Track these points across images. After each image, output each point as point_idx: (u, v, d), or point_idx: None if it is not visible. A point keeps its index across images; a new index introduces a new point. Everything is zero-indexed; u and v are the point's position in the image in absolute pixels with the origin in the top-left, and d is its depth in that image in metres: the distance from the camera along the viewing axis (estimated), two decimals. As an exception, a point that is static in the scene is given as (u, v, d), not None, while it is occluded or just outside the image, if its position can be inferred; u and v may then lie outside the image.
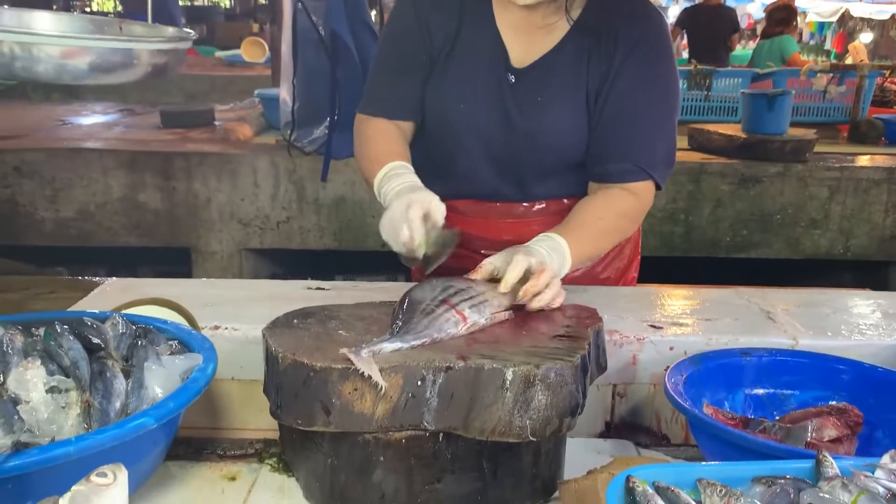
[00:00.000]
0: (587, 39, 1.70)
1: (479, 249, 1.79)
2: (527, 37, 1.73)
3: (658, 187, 1.76)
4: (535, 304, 1.40)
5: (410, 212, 1.48)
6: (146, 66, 2.18)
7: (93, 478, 0.78)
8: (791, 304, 1.83)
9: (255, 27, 12.55)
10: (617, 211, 1.72)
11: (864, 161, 5.26)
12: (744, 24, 15.96)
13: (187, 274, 4.90)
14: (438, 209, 1.52)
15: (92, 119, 6.65)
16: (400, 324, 1.28)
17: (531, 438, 1.16)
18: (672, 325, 1.65)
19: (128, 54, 2.09)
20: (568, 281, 1.94)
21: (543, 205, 1.84)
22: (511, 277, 1.40)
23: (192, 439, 1.44)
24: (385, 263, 2.26)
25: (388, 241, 1.54)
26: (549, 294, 1.42)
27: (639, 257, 2.08)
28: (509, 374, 1.14)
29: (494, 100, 1.74)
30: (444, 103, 1.76)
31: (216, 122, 6.04)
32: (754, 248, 5.00)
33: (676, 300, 1.85)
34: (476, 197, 1.84)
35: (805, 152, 5.05)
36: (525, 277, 1.41)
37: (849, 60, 9.04)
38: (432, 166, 1.72)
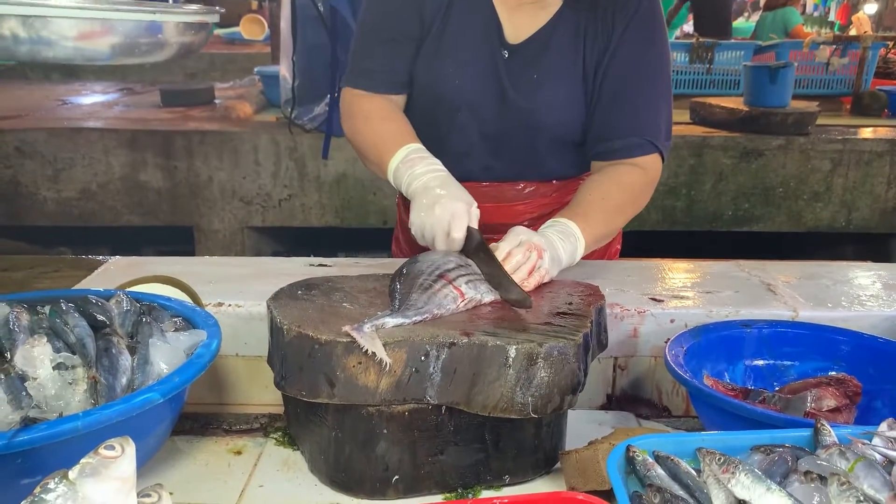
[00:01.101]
0: (583, 14, 1.69)
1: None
2: (520, 12, 1.71)
3: (662, 159, 1.75)
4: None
5: (455, 230, 1.43)
6: (174, 45, 2.14)
7: (101, 450, 0.79)
8: (791, 276, 1.83)
9: (254, 4, 12.46)
10: (623, 186, 1.70)
11: (866, 133, 5.24)
12: (747, -4, 15.82)
13: (190, 252, 4.92)
14: (476, 217, 1.48)
15: (92, 98, 6.64)
16: (399, 297, 1.29)
17: (533, 415, 1.17)
18: (673, 298, 1.66)
19: (155, 30, 2.05)
20: None
21: (534, 187, 1.83)
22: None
23: (198, 415, 1.46)
24: (387, 240, 2.26)
25: (416, 236, 1.50)
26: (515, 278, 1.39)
27: (621, 230, 2.08)
28: (512, 352, 1.15)
29: (489, 76, 1.72)
30: (436, 79, 1.73)
31: (216, 101, 6.03)
32: (756, 222, 5.01)
33: (677, 273, 1.86)
34: (468, 177, 1.79)
35: (807, 125, 5.03)
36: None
37: (852, 32, 8.96)
38: (426, 143, 1.67)
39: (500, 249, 1.42)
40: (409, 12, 1.72)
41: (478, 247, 1.45)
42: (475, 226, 1.47)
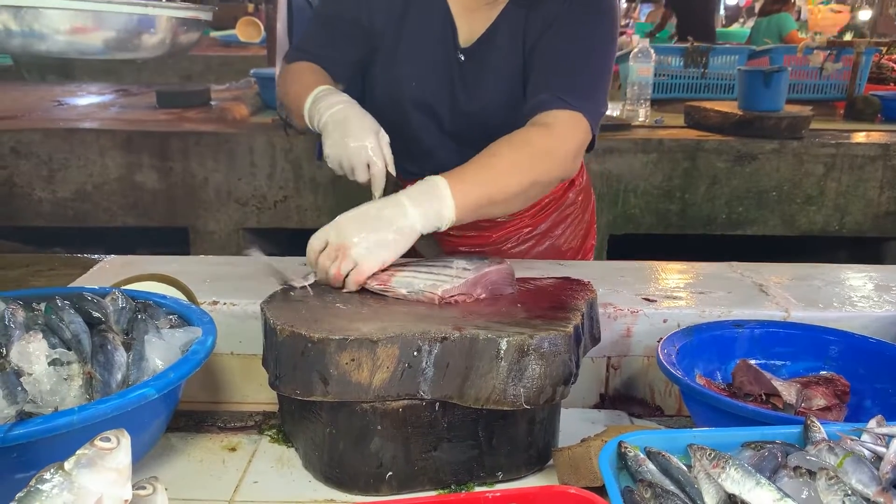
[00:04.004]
0: (523, 10, 1.69)
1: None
2: (473, 14, 1.72)
3: (592, 130, 1.61)
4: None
5: (374, 164, 1.50)
6: (166, 41, 2.16)
7: (97, 442, 0.79)
8: (784, 277, 1.85)
9: (250, 7, 12.47)
10: (516, 143, 1.53)
11: (859, 138, 5.26)
12: (742, 2, 15.89)
13: (185, 254, 4.91)
14: (386, 142, 1.53)
15: (88, 99, 6.63)
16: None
17: (525, 407, 1.18)
18: (666, 298, 1.67)
19: (147, 24, 2.07)
20: (533, 255, 1.93)
21: None
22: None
23: (192, 412, 1.47)
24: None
25: (332, 166, 1.53)
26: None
27: (595, 224, 2.10)
28: (504, 344, 1.16)
29: (443, 80, 1.74)
30: (395, 82, 1.75)
31: (212, 102, 6.03)
32: (750, 225, 5.02)
33: (670, 274, 1.87)
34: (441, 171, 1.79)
35: (801, 129, 5.05)
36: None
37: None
38: (397, 145, 1.62)
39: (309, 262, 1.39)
40: (356, 16, 1.74)
41: (393, 188, 1.51)
42: (387, 153, 1.54)
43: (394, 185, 1.56)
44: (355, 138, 1.50)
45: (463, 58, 1.73)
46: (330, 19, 1.80)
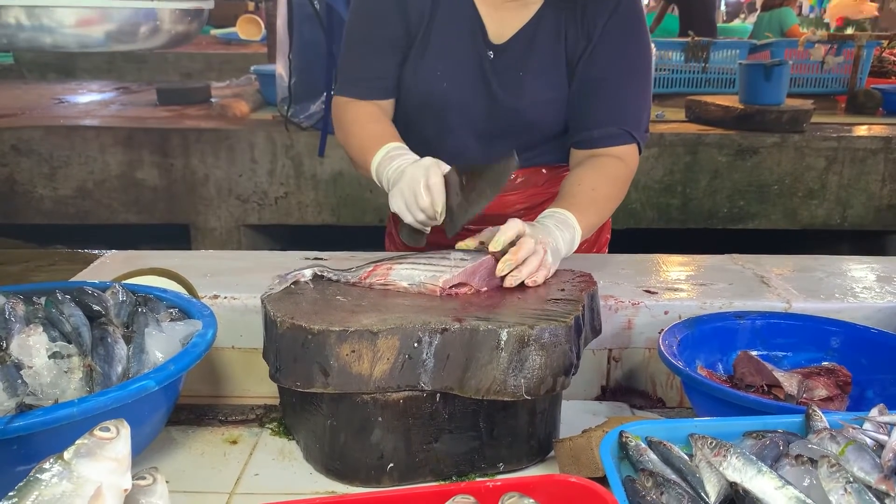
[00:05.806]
0: (563, 13, 1.71)
1: (466, 226, 1.80)
2: (502, 12, 1.72)
3: (640, 150, 1.78)
4: (510, 280, 1.38)
5: (431, 178, 1.47)
6: (168, 31, 2.16)
7: (96, 432, 0.79)
8: (785, 269, 1.84)
9: (251, 5, 12.48)
10: (609, 177, 1.72)
11: (861, 131, 5.26)
12: (744, -3, 15.87)
13: (186, 250, 4.92)
14: (446, 168, 1.52)
15: (88, 97, 6.64)
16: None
17: (525, 397, 1.18)
18: (667, 290, 1.67)
19: (151, 15, 2.08)
20: None
21: (525, 177, 1.85)
22: (502, 239, 1.39)
23: (193, 406, 1.46)
24: (384, 239, 2.28)
25: (400, 212, 1.53)
26: (525, 270, 1.38)
27: (610, 219, 2.09)
28: (504, 335, 1.16)
29: (476, 76, 1.74)
30: (425, 82, 1.75)
31: (213, 99, 6.03)
32: (752, 219, 5.02)
33: (672, 266, 1.87)
34: None
35: (802, 123, 5.05)
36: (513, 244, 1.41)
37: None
38: (419, 146, 1.68)
39: (504, 234, 1.40)
40: (392, 19, 1.73)
41: (463, 174, 1.48)
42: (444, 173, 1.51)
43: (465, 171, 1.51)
44: (412, 167, 1.52)
45: (492, 54, 1.73)
46: (368, 35, 1.77)
